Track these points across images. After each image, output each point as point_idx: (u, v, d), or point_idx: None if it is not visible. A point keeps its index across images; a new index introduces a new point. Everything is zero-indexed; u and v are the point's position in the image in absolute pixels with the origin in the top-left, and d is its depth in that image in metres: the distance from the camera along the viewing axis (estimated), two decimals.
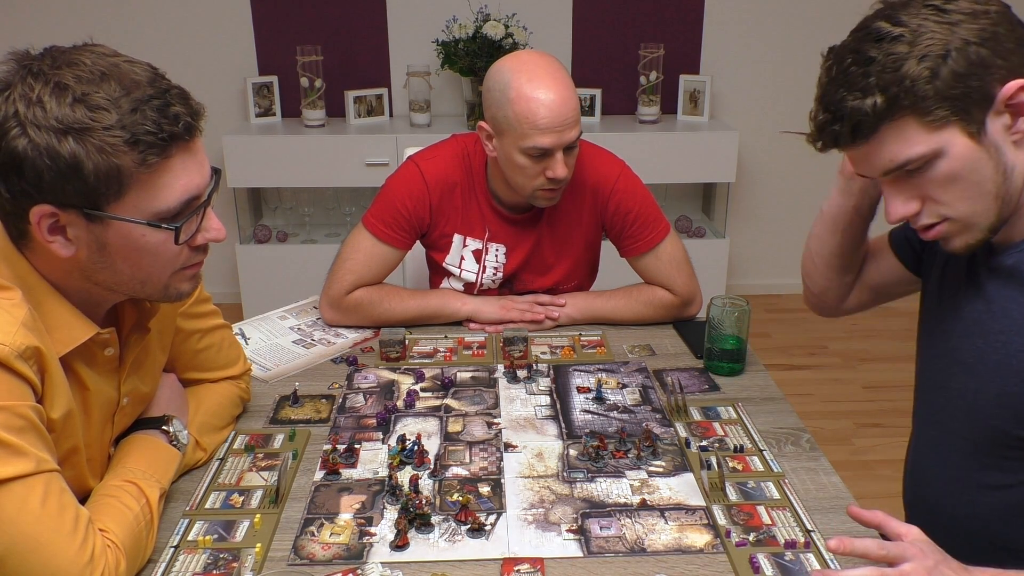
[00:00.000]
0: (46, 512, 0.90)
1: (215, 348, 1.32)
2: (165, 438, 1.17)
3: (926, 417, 1.23)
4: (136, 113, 0.90)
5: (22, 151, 0.87)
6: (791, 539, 1.09)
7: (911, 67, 0.96)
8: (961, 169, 1.00)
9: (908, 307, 1.34)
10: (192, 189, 0.97)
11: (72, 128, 0.87)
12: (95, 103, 0.88)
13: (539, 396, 1.47)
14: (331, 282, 1.71)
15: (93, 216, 0.92)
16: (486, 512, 1.15)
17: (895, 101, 0.97)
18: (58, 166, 0.88)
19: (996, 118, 0.99)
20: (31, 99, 0.87)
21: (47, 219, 0.91)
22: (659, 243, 1.72)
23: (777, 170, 3.82)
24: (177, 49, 3.51)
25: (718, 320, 1.53)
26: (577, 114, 1.56)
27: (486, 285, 1.79)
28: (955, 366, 1.14)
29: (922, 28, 0.97)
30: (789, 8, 3.58)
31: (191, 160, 0.96)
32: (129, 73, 0.92)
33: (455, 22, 3.41)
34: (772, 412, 1.41)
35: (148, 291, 1.03)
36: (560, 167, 1.57)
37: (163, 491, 1.12)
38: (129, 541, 1.01)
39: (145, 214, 0.94)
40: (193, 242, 1.01)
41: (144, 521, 1.05)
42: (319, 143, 3.35)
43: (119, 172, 0.90)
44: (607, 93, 3.60)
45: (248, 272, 3.48)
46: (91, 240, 0.94)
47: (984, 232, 1.05)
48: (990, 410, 1.09)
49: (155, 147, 0.91)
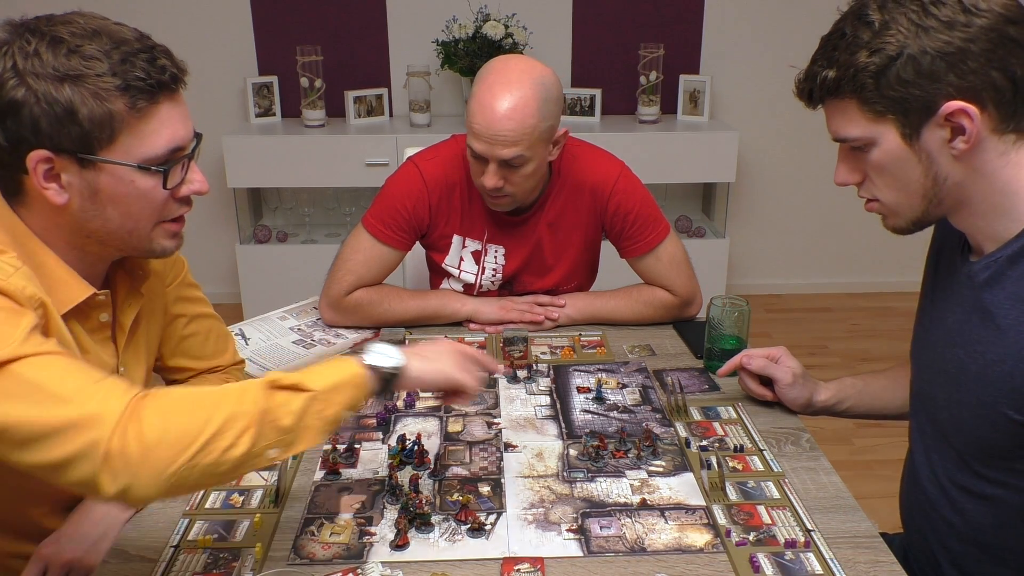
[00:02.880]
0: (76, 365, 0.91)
1: (202, 336, 1.33)
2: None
3: (917, 425, 1.24)
4: (126, 63, 0.96)
5: (21, 98, 0.92)
6: (791, 539, 1.09)
7: (861, 57, 0.99)
8: (889, 163, 1.04)
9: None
10: (178, 139, 1.02)
11: (68, 75, 0.93)
12: (89, 53, 0.95)
13: (539, 396, 1.47)
14: (331, 283, 1.71)
15: (86, 161, 0.97)
16: (486, 512, 1.15)
17: (840, 82, 1.02)
18: (55, 111, 0.93)
19: (935, 130, 1.00)
20: (28, 52, 0.93)
21: (43, 164, 0.96)
22: (659, 244, 1.72)
23: (777, 170, 3.82)
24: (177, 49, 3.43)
25: (718, 320, 1.53)
26: (519, 136, 1.50)
27: (485, 287, 1.79)
28: (940, 376, 1.15)
29: (892, 23, 0.98)
30: (789, 8, 3.58)
31: (176, 111, 1.02)
32: (118, 32, 0.99)
33: (455, 22, 3.41)
34: (772, 412, 1.41)
35: (135, 242, 1.06)
36: (489, 176, 1.56)
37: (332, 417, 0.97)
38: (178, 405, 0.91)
39: (135, 158, 0.99)
40: (178, 192, 1.06)
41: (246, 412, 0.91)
42: (319, 143, 3.35)
43: (111, 117, 0.96)
44: (607, 93, 3.60)
45: (248, 272, 3.48)
46: (84, 186, 0.99)
47: (909, 222, 1.09)
48: (972, 420, 1.09)
49: (144, 92, 0.97)
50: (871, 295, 3.96)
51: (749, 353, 1.40)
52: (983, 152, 1.01)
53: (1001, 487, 1.10)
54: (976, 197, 1.04)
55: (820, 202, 3.81)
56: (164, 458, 0.86)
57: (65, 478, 0.86)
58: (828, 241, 3.93)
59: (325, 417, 0.95)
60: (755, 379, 1.41)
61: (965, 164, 1.02)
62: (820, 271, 4.00)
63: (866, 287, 3.99)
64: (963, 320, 1.10)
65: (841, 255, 3.96)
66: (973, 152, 1.00)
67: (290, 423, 0.92)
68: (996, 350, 1.04)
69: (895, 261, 3.81)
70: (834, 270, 4.00)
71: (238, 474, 0.95)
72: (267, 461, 0.93)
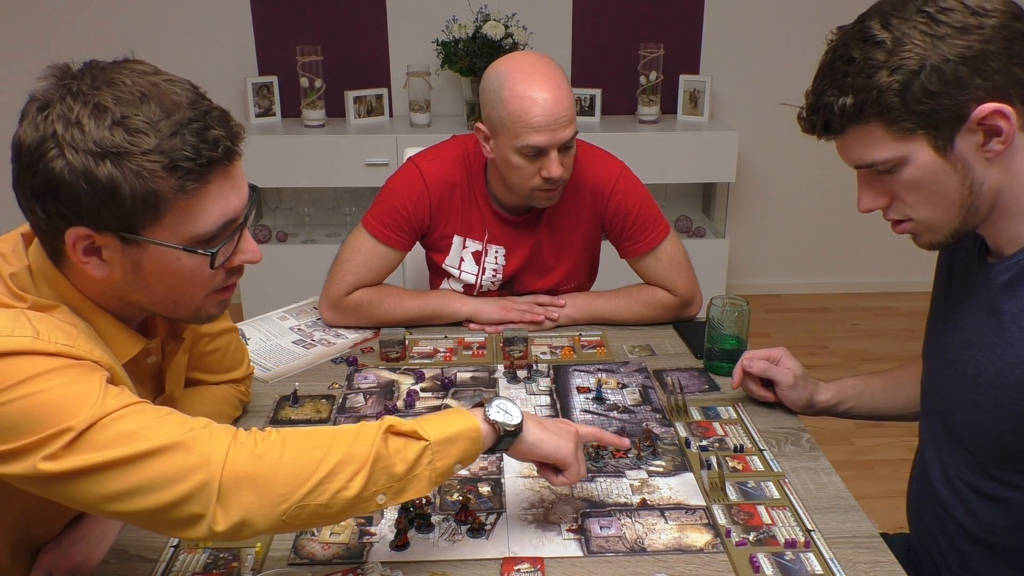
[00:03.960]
0: (166, 415, 0.91)
1: (221, 352, 1.32)
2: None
3: (928, 426, 1.23)
4: (175, 137, 0.88)
5: (59, 173, 0.86)
6: (791, 539, 1.09)
7: (882, 77, 0.96)
8: (924, 179, 1.01)
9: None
10: (229, 213, 0.96)
11: (110, 152, 0.86)
12: (134, 126, 0.87)
13: (539, 396, 1.47)
14: (331, 283, 1.71)
15: (129, 240, 0.91)
16: (486, 512, 1.15)
17: (862, 107, 0.99)
18: (95, 190, 0.87)
19: (968, 136, 0.98)
20: (70, 120, 0.86)
21: (82, 241, 0.91)
22: (659, 244, 1.72)
23: (777, 170, 3.82)
24: (177, 49, 3.51)
25: (718, 320, 1.53)
26: (572, 113, 1.56)
27: (485, 287, 1.79)
28: (956, 378, 1.14)
29: (905, 38, 0.96)
30: (789, 8, 3.58)
31: (229, 184, 0.95)
32: (169, 94, 0.90)
33: (455, 22, 3.41)
34: (772, 412, 1.41)
35: (180, 312, 1.03)
36: (555, 166, 1.57)
37: (444, 468, 0.98)
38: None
39: (181, 239, 0.93)
40: (229, 264, 1.01)
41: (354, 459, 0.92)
42: (319, 143, 3.35)
43: (156, 197, 0.89)
44: (607, 93, 3.60)
45: (248, 272, 3.42)
46: (126, 262, 0.94)
47: (947, 236, 1.06)
48: (988, 422, 1.08)
49: (193, 173, 0.90)
50: (871, 295, 3.96)
51: (750, 355, 1.40)
52: (1016, 151, 1.00)
53: (1015, 489, 1.09)
54: (1008, 199, 1.03)
55: (820, 202, 3.81)
56: (279, 494, 0.87)
57: (172, 518, 0.87)
58: (828, 241, 3.93)
59: (436, 468, 0.96)
60: (756, 381, 1.41)
61: (999, 166, 1.00)
62: (820, 271, 4.00)
63: (866, 287, 3.99)
64: (980, 322, 1.10)
65: (841, 255, 3.96)
66: (1006, 153, 0.99)
67: (402, 471, 0.94)
68: (1015, 352, 1.04)
69: (895, 261, 3.81)
70: (834, 270, 4.00)
71: (346, 517, 0.95)
72: (376, 507, 0.94)
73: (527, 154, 1.56)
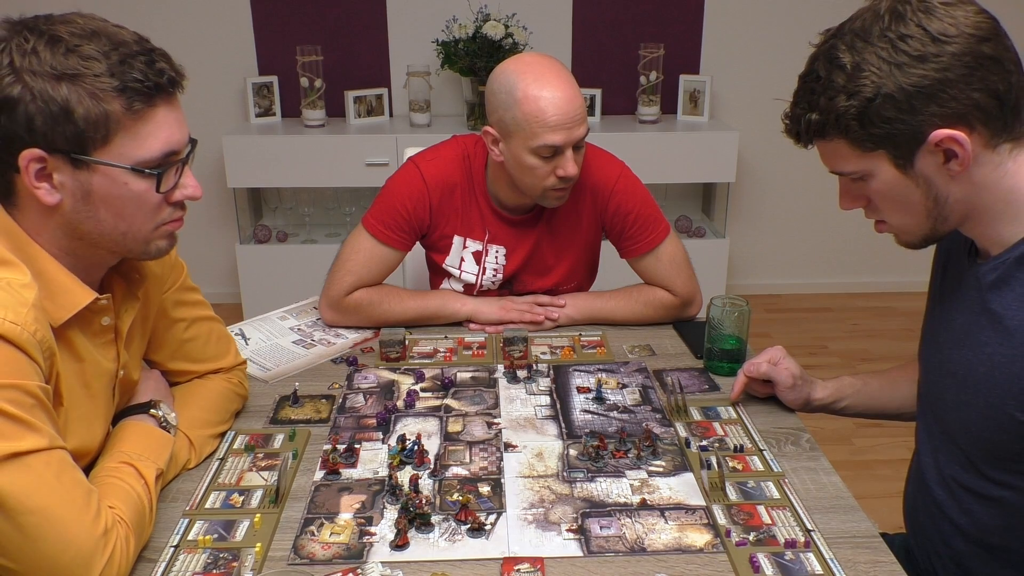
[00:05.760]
0: (62, 485, 0.93)
1: (203, 339, 1.33)
2: (154, 422, 1.19)
3: (924, 426, 1.24)
4: (124, 65, 0.96)
5: (17, 96, 0.92)
6: (791, 539, 1.09)
7: (840, 101, 1.00)
8: (889, 191, 1.05)
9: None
10: (173, 143, 1.02)
11: (66, 74, 0.93)
12: (87, 53, 0.94)
13: (539, 396, 1.47)
14: (331, 283, 1.71)
15: (79, 161, 0.97)
16: (486, 512, 1.15)
17: (825, 125, 1.03)
18: (50, 109, 0.93)
19: (927, 156, 1.00)
20: (26, 50, 0.93)
21: (35, 163, 0.95)
22: (659, 244, 1.72)
23: (777, 170, 3.82)
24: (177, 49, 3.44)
25: (718, 320, 1.53)
26: (584, 112, 1.57)
27: (485, 287, 1.79)
28: (948, 378, 1.15)
29: (864, 63, 0.98)
30: (789, 8, 3.58)
31: (172, 115, 1.02)
32: (117, 33, 0.99)
33: (455, 22, 3.41)
34: (772, 412, 1.41)
35: (129, 244, 1.06)
36: (571, 164, 1.57)
37: (159, 471, 1.14)
38: (135, 518, 1.03)
39: (129, 160, 0.99)
40: (171, 197, 1.06)
41: (145, 501, 1.07)
42: (319, 143, 3.35)
43: (107, 118, 0.96)
44: (607, 93, 3.60)
45: (248, 272, 3.48)
46: (76, 187, 0.98)
47: (920, 239, 1.11)
48: (980, 422, 1.09)
49: (141, 94, 0.97)
50: (871, 295, 3.96)
51: (752, 363, 1.40)
52: (980, 167, 1.01)
53: (1008, 489, 1.10)
54: (980, 208, 1.05)
55: (820, 202, 3.81)
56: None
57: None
58: (828, 241, 3.93)
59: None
60: (756, 380, 1.42)
61: (964, 181, 1.02)
62: (820, 271, 4.00)
63: (866, 287, 3.99)
64: (971, 322, 1.10)
65: (841, 255, 3.96)
66: (970, 169, 1.01)
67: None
68: (1004, 352, 1.04)
69: (895, 261, 3.81)
70: (834, 270, 4.00)
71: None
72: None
73: (543, 154, 1.56)
